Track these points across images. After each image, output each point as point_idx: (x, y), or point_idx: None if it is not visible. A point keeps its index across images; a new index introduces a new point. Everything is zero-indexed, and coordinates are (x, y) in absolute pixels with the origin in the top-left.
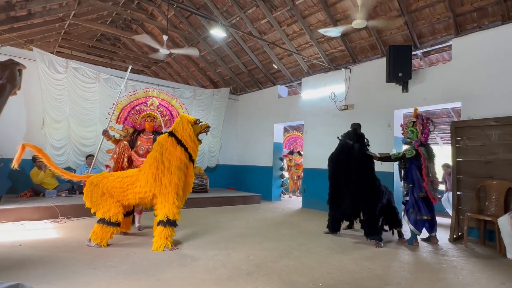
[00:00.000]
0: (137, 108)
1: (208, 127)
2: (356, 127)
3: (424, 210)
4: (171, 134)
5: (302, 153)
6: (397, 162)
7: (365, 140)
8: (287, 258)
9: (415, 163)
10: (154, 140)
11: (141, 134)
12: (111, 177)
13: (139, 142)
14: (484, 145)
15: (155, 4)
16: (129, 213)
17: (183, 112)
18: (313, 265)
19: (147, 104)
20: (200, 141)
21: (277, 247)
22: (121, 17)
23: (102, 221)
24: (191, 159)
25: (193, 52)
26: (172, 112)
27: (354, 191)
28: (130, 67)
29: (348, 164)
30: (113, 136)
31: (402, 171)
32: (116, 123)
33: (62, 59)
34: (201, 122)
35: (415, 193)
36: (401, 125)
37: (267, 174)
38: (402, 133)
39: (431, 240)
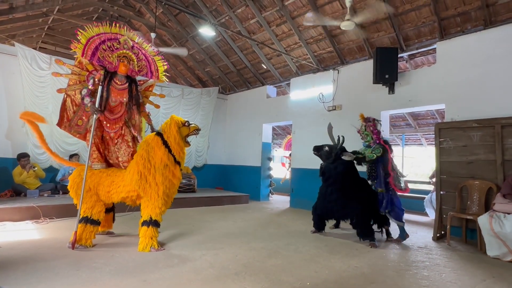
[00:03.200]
0: (108, 44)
1: (198, 129)
2: (320, 151)
3: (384, 205)
4: (158, 133)
5: None
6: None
7: (337, 148)
8: (275, 257)
9: (381, 160)
10: (129, 88)
11: (114, 78)
12: (100, 173)
13: (111, 94)
14: (466, 146)
15: (143, 1)
16: (109, 210)
17: (158, 60)
18: (301, 264)
19: (119, 41)
20: (187, 144)
21: (265, 247)
22: (108, 13)
23: (85, 219)
24: (177, 161)
25: (181, 52)
26: (148, 58)
27: (339, 203)
28: None
29: (328, 181)
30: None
31: (370, 170)
32: (82, 56)
33: (46, 55)
34: (191, 124)
35: (377, 189)
36: (358, 131)
37: (256, 174)
38: (362, 138)
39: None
